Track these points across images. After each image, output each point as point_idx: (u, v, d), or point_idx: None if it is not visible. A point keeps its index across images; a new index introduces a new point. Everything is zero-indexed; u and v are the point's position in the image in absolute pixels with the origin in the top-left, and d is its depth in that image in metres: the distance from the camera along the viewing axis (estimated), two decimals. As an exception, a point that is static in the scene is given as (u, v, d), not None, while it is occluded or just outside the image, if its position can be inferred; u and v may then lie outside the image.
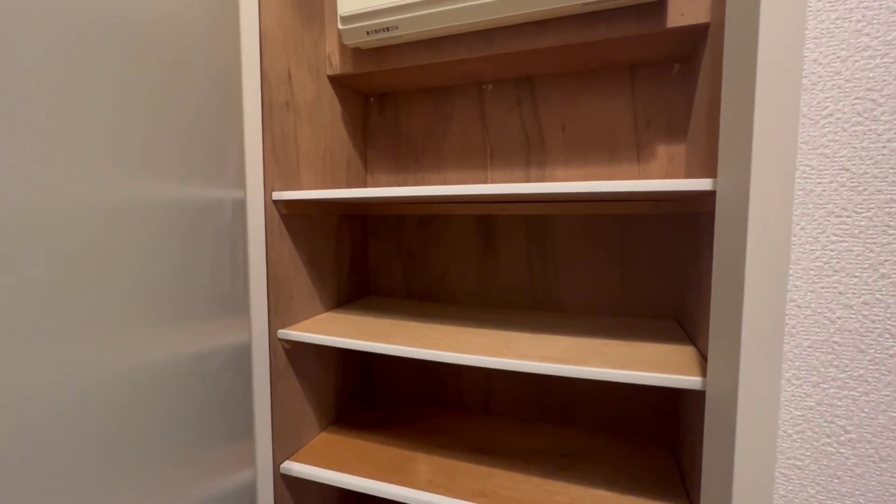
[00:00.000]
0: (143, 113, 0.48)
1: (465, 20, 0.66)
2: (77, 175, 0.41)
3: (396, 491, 0.66)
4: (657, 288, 0.79)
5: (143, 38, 0.48)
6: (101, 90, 0.43)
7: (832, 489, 0.38)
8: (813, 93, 0.35)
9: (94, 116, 0.43)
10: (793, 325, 0.37)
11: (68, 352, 0.40)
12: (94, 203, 0.43)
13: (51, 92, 0.39)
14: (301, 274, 0.77)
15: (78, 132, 0.41)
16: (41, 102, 0.38)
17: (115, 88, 0.45)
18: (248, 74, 0.65)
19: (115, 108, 0.45)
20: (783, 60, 0.34)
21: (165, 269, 0.50)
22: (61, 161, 0.40)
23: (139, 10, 0.47)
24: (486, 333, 0.70)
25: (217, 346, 0.58)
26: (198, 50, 0.55)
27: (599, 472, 0.70)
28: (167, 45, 0.51)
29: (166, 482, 0.51)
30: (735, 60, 0.42)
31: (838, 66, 0.34)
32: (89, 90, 0.42)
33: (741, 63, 0.40)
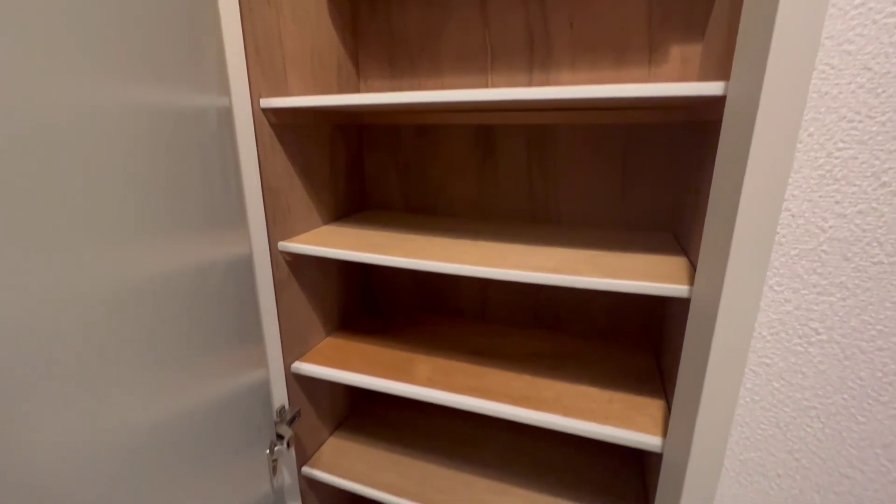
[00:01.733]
0: (107, 6, 0.43)
1: None
2: (37, 76, 0.38)
3: (399, 387, 0.72)
4: (657, 201, 0.79)
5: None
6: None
7: (795, 383, 0.42)
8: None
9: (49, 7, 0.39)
10: (784, 234, 0.38)
11: (68, 263, 0.41)
12: (67, 105, 0.41)
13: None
14: (296, 186, 0.76)
15: (31, 25, 0.38)
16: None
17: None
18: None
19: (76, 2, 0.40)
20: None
21: (156, 178, 0.49)
22: (15, 59, 0.37)
23: None
24: (483, 245, 0.71)
25: (218, 258, 0.60)
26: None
27: (585, 372, 0.76)
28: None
29: (179, 386, 0.55)
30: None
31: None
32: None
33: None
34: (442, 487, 0.81)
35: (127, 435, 0.48)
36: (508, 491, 0.80)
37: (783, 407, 0.42)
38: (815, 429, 0.42)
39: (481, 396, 0.69)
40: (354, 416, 1.00)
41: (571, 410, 0.66)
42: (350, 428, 0.96)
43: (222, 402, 0.63)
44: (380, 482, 0.82)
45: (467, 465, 0.86)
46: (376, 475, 0.83)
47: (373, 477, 0.83)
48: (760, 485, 0.45)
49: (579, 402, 0.68)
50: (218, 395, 0.62)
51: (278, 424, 0.75)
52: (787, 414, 0.42)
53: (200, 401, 0.59)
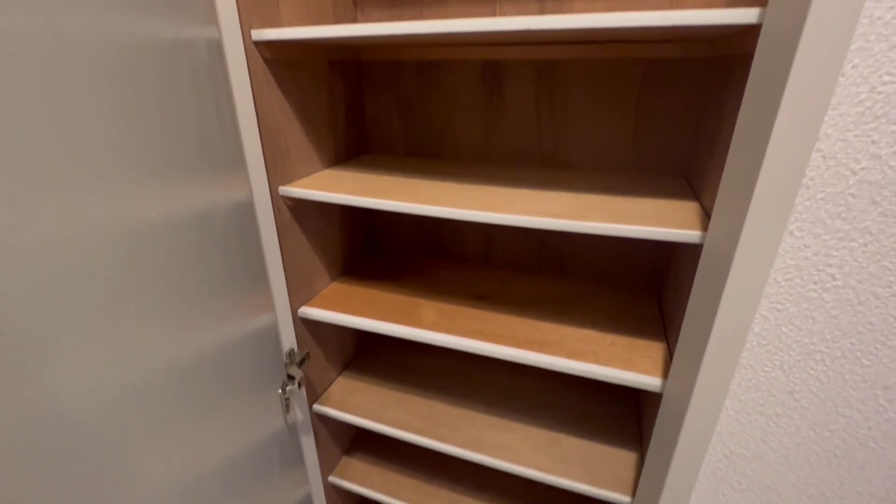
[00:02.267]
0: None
1: None
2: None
3: (404, 331, 0.73)
4: (671, 143, 0.75)
5: None
6: None
7: (804, 328, 0.42)
8: None
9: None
10: (811, 176, 0.36)
11: (67, 203, 0.40)
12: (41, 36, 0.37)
13: None
14: (295, 128, 0.73)
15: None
16: None
17: None
18: None
19: None
20: None
21: (146, 116, 0.47)
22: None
23: None
24: (489, 190, 0.69)
25: (218, 203, 0.58)
26: None
27: (588, 316, 0.77)
28: None
29: (191, 329, 0.56)
30: None
31: None
32: None
33: None
34: (446, 423, 0.85)
35: (144, 374, 0.49)
36: (510, 427, 0.84)
37: (789, 351, 0.43)
38: (818, 371, 0.43)
39: (485, 339, 0.70)
40: (361, 358, 1.03)
41: (574, 353, 0.67)
42: (358, 369, 0.99)
43: (234, 344, 0.64)
44: (387, 418, 0.86)
45: (471, 403, 0.89)
46: (384, 412, 0.87)
47: (380, 413, 0.87)
48: (758, 423, 0.47)
49: (582, 344, 0.69)
50: (229, 338, 0.63)
51: (288, 366, 0.78)
52: (792, 357, 0.43)
53: (212, 343, 0.60)
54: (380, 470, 1.01)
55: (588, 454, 0.78)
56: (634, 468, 0.75)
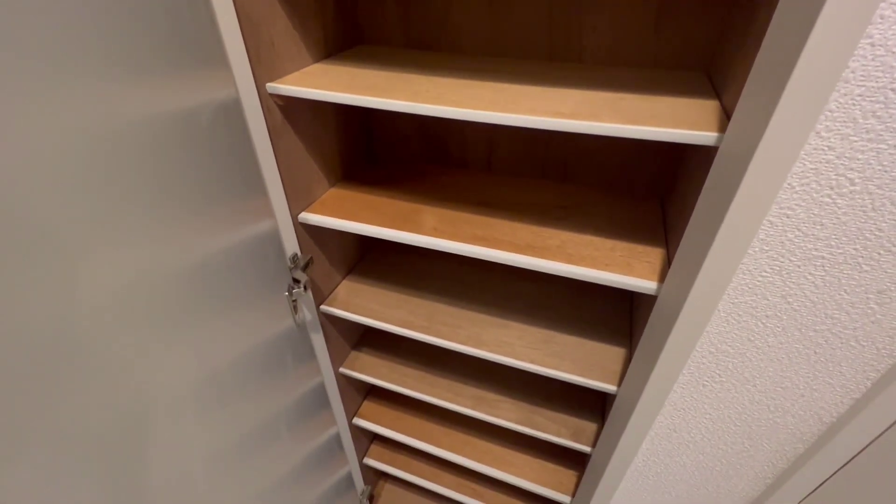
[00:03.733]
0: None
1: None
2: None
3: (406, 236, 0.74)
4: (695, 34, 0.68)
5: None
6: None
7: (811, 234, 0.41)
8: None
9: None
10: (854, 68, 0.32)
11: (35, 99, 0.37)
12: None
13: None
14: (278, 15, 0.65)
15: None
16: None
17: None
18: None
19: None
20: None
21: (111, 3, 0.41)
22: None
23: None
24: (493, 87, 0.64)
25: (201, 100, 0.54)
26: None
27: (590, 222, 0.77)
28: None
29: (192, 235, 0.55)
30: None
31: None
32: None
33: None
34: (447, 322, 0.89)
35: (150, 282, 0.50)
36: (507, 325, 0.88)
37: (790, 256, 0.43)
38: (816, 277, 0.43)
39: (486, 245, 0.71)
40: (365, 263, 1.05)
41: (574, 258, 0.68)
42: (361, 273, 1.02)
43: (237, 249, 0.64)
44: (391, 317, 0.90)
45: (471, 304, 0.93)
46: (387, 312, 0.91)
47: (384, 313, 0.91)
48: (747, 323, 0.49)
49: (582, 249, 0.70)
50: (231, 244, 0.63)
51: (293, 270, 0.79)
52: (793, 263, 0.43)
53: (215, 248, 0.60)
54: (386, 362, 1.10)
55: (580, 350, 0.83)
56: (623, 362, 0.81)
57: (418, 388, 1.04)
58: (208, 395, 0.63)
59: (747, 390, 0.55)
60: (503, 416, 0.98)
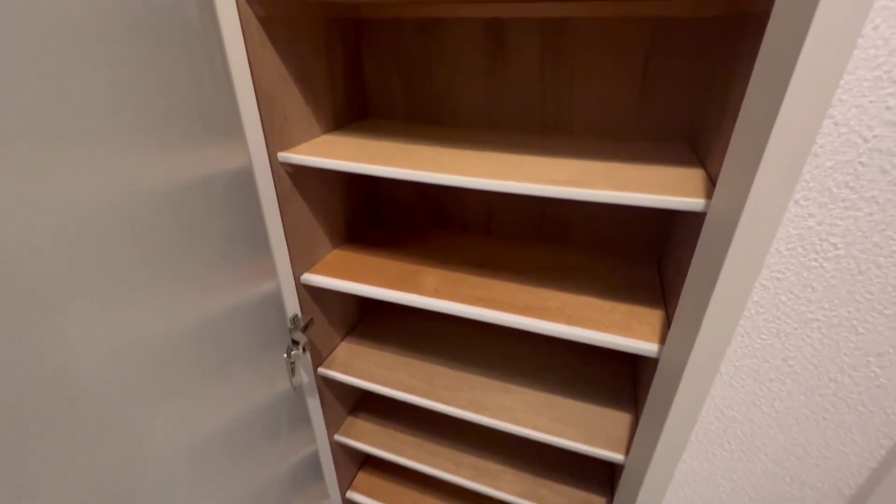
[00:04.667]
0: None
1: None
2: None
3: (407, 297, 0.74)
4: (677, 108, 0.73)
5: None
6: None
7: (803, 297, 0.42)
8: None
9: None
10: (822, 144, 0.35)
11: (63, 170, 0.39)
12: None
13: None
14: (292, 92, 0.71)
15: None
16: None
17: None
18: None
19: None
20: None
21: (140, 79, 0.45)
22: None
23: None
24: (491, 156, 0.68)
25: (218, 169, 0.57)
26: None
27: (589, 283, 0.78)
28: None
29: (195, 296, 0.56)
30: None
31: None
32: None
33: None
34: (448, 385, 0.87)
35: (151, 342, 0.50)
36: (509, 389, 0.86)
37: (786, 319, 0.43)
38: (813, 339, 0.43)
39: (487, 306, 0.71)
40: (365, 324, 1.04)
41: (574, 319, 0.68)
42: (361, 334, 1.01)
43: (239, 310, 0.65)
44: (390, 380, 0.88)
45: (472, 366, 0.92)
46: (387, 374, 0.90)
47: (383, 376, 0.89)
48: (751, 387, 0.48)
49: (582, 311, 0.70)
50: (234, 304, 0.64)
51: (293, 331, 0.79)
52: (789, 325, 0.44)
53: (218, 308, 0.60)
54: (383, 429, 1.05)
55: (584, 415, 0.81)
56: (629, 428, 0.78)
57: (417, 456, 0.99)
58: (199, 462, 0.61)
59: (759, 460, 0.53)
60: (506, 489, 0.92)
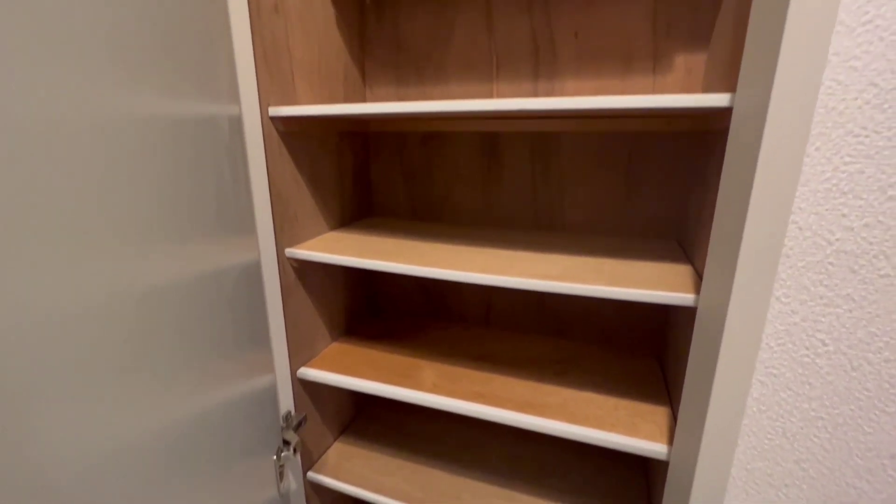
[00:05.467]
0: (122, 13, 0.44)
1: None
2: (54, 89, 0.39)
3: (404, 393, 0.72)
4: (661, 208, 0.79)
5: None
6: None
7: (802, 393, 0.42)
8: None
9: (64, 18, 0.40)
10: (791, 246, 0.38)
11: (83, 272, 0.42)
12: (79, 117, 0.41)
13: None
14: (304, 193, 0.77)
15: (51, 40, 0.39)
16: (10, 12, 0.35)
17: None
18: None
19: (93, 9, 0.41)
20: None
21: (170, 187, 0.50)
22: (42, 71, 0.38)
23: None
24: (488, 252, 0.72)
25: (228, 264, 0.60)
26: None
27: (590, 378, 0.77)
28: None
29: (190, 388, 0.56)
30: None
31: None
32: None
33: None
34: (447, 493, 0.81)
35: (137, 438, 0.49)
36: (512, 497, 0.80)
37: (790, 417, 0.43)
38: (822, 439, 0.42)
39: (486, 403, 0.69)
40: (360, 421, 1.00)
41: (576, 417, 0.66)
42: (355, 433, 0.96)
43: (230, 407, 0.63)
44: (384, 487, 0.82)
45: (472, 470, 0.86)
46: (381, 480, 0.83)
47: (377, 482, 0.83)
48: (768, 494, 0.45)
49: (584, 408, 0.68)
50: (226, 401, 0.62)
51: (285, 430, 0.76)
52: (795, 424, 0.43)
53: (209, 407, 0.59)
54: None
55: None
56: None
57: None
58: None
59: (791, 582, 0.47)
60: None
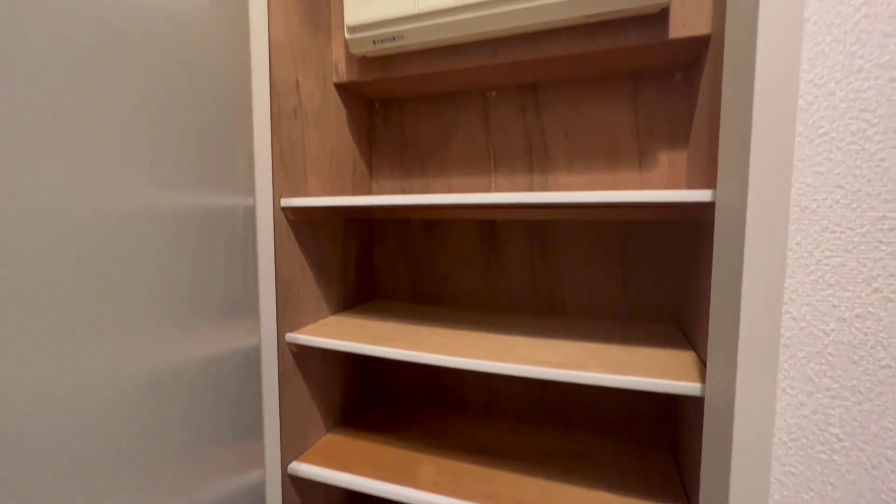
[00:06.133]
0: (157, 121, 0.49)
1: (469, 31, 0.67)
2: (91, 181, 0.42)
3: (401, 491, 0.68)
4: (659, 292, 0.80)
5: (157, 46, 0.49)
6: (115, 96, 0.45)
7: (826, 495, 0.39)
8: (809, 112, 0.36)
9: (107, 122, 0.44)
10: (788, 336, 0.39)
11: (84, 355, 0.42)
12: (109, 209, 0.44)
13: (63, 96, 0.40)
14: (308, 278, 0.79)
15: (92, 138, 0.43)
16: (54, 108, 0.40)
17: (130, 94, 0.46)
18: (258, 84, 0.66)
19: (130, 114, 0.46)
20: (779, 83, 0.36)
21: (181, 274, 0.52)
22: (74, 166, 0.41)
23: (153, 18, 0.49)
24: (489, 337, 0.72)
25: (230, 350, 0.60)
26: (209, 59, 0.57)
27: (601, 475, 0.72)
28: (180, 54, 0.52)
29: (179, 481, 0.52)
30: (734, 78, 0.43)
31: (833, 87, 0.35)
32: (103, 96, 0.44)
33: (739, 81, 0.41)
34: None
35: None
36: None
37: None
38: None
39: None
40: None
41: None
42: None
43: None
44: None
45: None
46: None
47: None
48: None
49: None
50: (214, 498, 0.58)
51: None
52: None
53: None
54: None
55: None
56: None
57: None
58: None
59: None
60: None
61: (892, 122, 0.34)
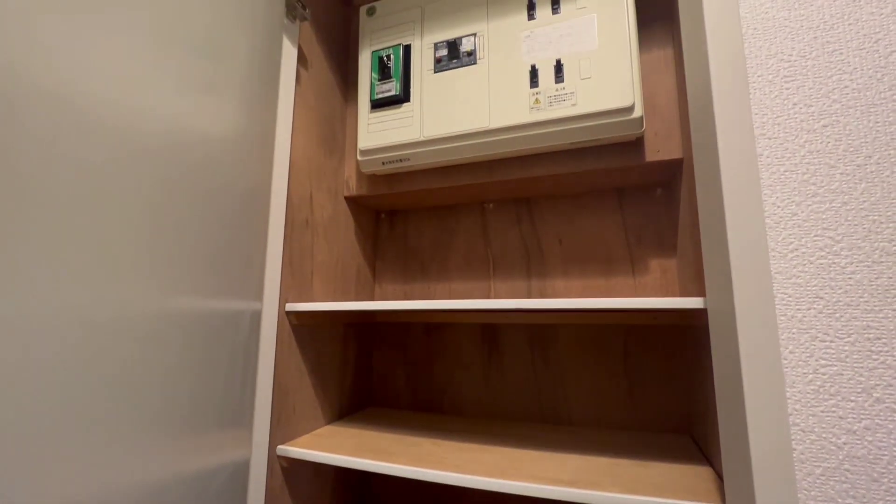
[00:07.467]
0: (178, 233, 0.53)
1: (467, 155, 0.76)
2: (108, 291, 0.45)
3: None
4: (666, 399, 0.78)
5: (183, 160, 0.55)
6: (140, 215, 0.49)
7: None
8: (777, 230, 0.40)
9: (131, 237, 0.48)
10: (801, 450, 0.37)
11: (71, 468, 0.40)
12: (120, 318, 0.46)
13: (84, 208, 0.44)
14: (305, 385, 0.77)
15: (112, 251, 0.46)
16: (72, 218, 0.43)
17: (154, 211, 0.51)
18: (276, 197, 0.73)
19: (154, 229, 0.50)
20: (746, 204, 0.40)
21: (185, 385, 0.51)
22: (91, 277, 0.44)
23: (182, 135, 0.55)
24: (493, 451, 0.68)
25: (218, 465, 0.57)
26: (237, 175, 0.63)
27: None
28: (211, 170, 0.58)
29: None
30: (706, 198, 0.48)
31: (794, 209, 0.39)
32: (126, 213, 0.48)
33: (711, 201, 0.46)
34: None
35: None
36: None
37: None
38: None
39: None
40: None
41: None
42: None
43: None
44: None
45: None
46: None
47: None
48: None
49: None
50: None
51: None
52: None
53: None
54: None
55: None
56: None
57: None
58: None
59: None
60: None
61: (853, 239, 0.38)
